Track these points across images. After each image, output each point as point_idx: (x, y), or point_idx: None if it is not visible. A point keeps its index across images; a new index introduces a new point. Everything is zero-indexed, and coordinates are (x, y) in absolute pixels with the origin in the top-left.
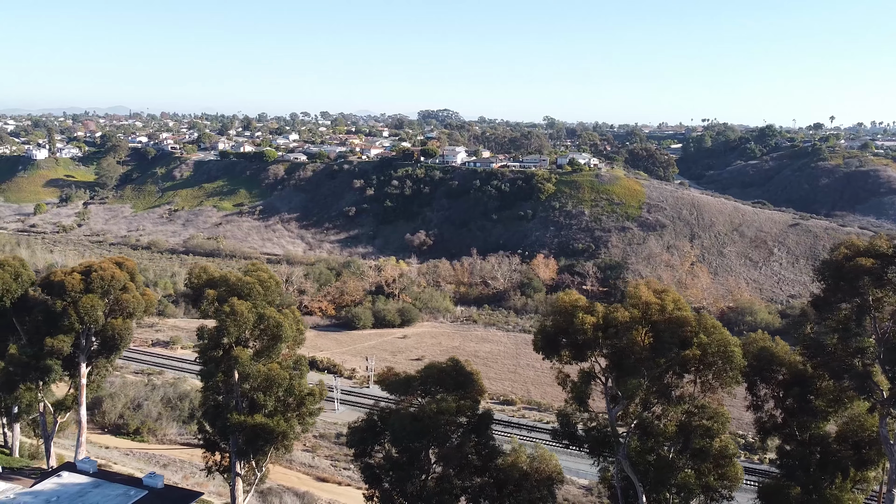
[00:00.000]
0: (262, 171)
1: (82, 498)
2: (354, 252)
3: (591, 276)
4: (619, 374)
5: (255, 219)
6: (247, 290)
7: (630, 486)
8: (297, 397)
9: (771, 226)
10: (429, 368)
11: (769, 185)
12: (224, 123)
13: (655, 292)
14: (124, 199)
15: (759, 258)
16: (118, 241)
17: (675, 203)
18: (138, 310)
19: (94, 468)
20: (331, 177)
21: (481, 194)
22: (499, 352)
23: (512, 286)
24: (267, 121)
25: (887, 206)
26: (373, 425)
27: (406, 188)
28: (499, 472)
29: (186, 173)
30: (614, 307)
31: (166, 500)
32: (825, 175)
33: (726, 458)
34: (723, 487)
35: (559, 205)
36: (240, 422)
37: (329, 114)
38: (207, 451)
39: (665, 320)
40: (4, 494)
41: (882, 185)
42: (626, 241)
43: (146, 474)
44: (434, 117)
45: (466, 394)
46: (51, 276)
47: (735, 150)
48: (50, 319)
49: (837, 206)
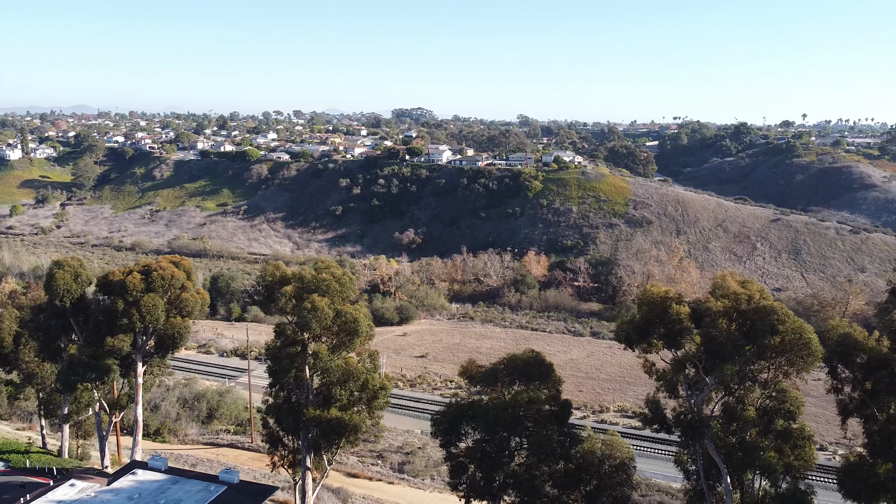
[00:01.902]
0: (244, 171)
1: (164, 494)
2: (343, 251)
3: (582, 272)
4: (712, 361)
5: (240, 219)
6: (324, 287)
7: (711, 467)
8: (371, 391)
9: (753, 221)
10: (512, 360)
11: (746, 181)
12: (199, 123)
13: (740, 283)
14: (103, 200)
15: (743, 253)
16: (100, 243)
17: (660, 200)
18: (196, 308)
19: (166, 465)
20: (316, 176)
21: (469, 192)
22: (500, 347)
23: (505, 283)
24: (240, 120)
25: (860, 202)
26: (457, 415)
27: (393, 187)
28: (579, 457)
29: (167, 173)
30: (705, 297)
31: (246, 495)
32: (800, 171)
33: (804, 439)
34: (802, 468)
35: (547, 202)
36: (316, 416)
37: (302, 112)
38: (271, 448)
39: (752, 309)
40: (85, 493)
41: (855, 181)
42: (614, 237)
43: (221, 470)
44: (408, 116)
45: (548, 383)
46: (108, 276)
47: (711, 147)
48: (110, 319)
49: (813, 202)
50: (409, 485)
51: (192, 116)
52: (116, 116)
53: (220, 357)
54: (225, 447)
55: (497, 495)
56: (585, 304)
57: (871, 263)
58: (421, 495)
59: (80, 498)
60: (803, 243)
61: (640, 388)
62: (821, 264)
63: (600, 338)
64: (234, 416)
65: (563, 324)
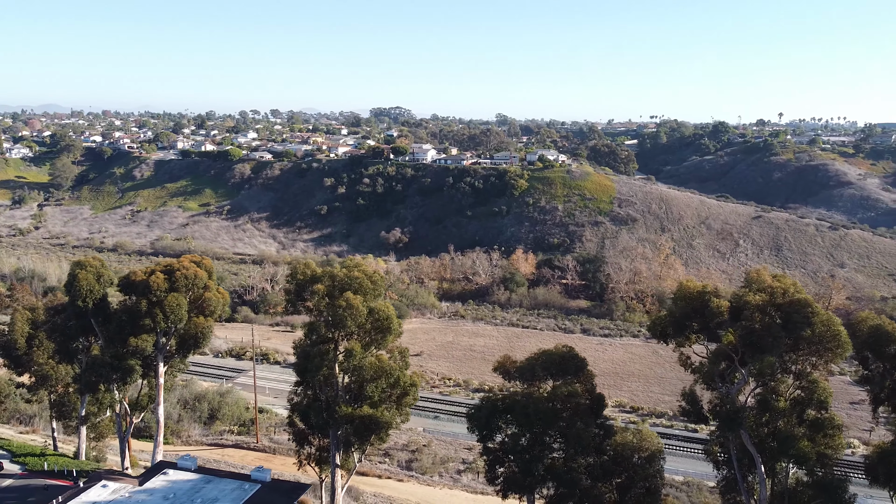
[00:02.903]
0: (227, 171)
1: (199, 493)
2: (329, 251)
3: (570, 269)
4: (751, 353)
5: (224, 219)
6: (356, 285)
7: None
8: (402, 388)
9: (735, 218)
10: (548, 355)
11: (725, 179)
12: (176, 122)
13: (775, 277)
14: (82, 201)
15: (727, 249)
16: (81, 244)
17: (644, 198)
18: (218, 308)
19: (195, 465)
20: (300, 175)
21: (455, 191)
22: (493, 345)
23: (494, 281)
24: (217, 119)
25: (836, 199)
26: (493, 410)
27: (378, 186)
28: (612, 449)
29: (147, 173)
30: (742, 291)
31: (280, 492)
32: (778, 169)
33: (835, 427)
34: (833, 456)
35: (533, 201)
36: (348, 414)
37: (279, 112)
38: (298, 445)
39: (788, 302)
40: (119, 493)
41: (831, 178)
42: (600, 235)
43: (254, 468)
44: (387, 115)
45: (581, 378)
46: (130, 276)
47: (690, 145)
48: (133, 319)
49: (791, 199)
50: (418, 482)
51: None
52: (90, 116)
53: (214, 357)
54: (230, 448)
55: (534, 489)
56: (574, 302)
57: (851, 259)
58: (431, 492)
59: (114, 499)
60: (784, 240)
61: (634, 384)
62: (802, 260)
63: (590, 335)
64: (235, 417)
65: (553, 321)
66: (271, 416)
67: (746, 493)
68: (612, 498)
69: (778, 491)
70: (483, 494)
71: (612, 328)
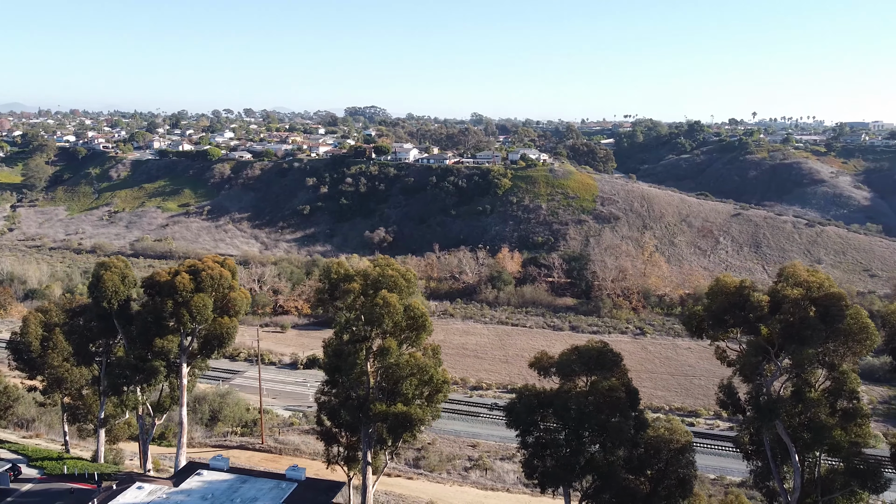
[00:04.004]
0: (206, 171)
1: (237, 493)
2: (313, 251)
3: (556, 267)
4: (789, 346)
5: (204, 219)
6: (391, 283)
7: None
8: (435, 385)
9: (715, 216)
10: (584, 350)
11: (702, 177)
12: (150, 122)
13: (809, 272)
14: (57, 202)
15: (707, 247)
16: (58, 246)
17: (626, 196)
18: (243, 308)
19: (227, 465)
20: (281, 175)
21: (438, 190)
22: (485, 343)
23: (481, 280)
24: (190, 118)
25: (810, 196)
26: (531, 405)
27: (361, 185)
28: (646, 442)
29: (124, 173)
30: (780, 286)
31: (317, 490)
32: (753, 167)
33: (865, 416)
34: (863, 444)
35: (517, 199)
36: (382, 411)
37: (253, 111)
38: (326, 445)
39: (824, 296)
40: (156, 495)
41: (805, 176)
42: (584, 233)
43: (288, 468)
44: (362, 114)
45: (615, 372)
46: (154, 276)
47: (666, 144)
48: (158, 320)
49: (766, 197)
50: (427, 479)
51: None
52: (58, 115)
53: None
54: (235, 449)
55: (572, 482)
56: (561, 299)
57: (827, 255)
58: (442, 489)
59: (152, 500)
60: (763, 237)
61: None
62: (780, 257)
63: (579, 332)
64: (237, 418)
65: (541, 318)
66: (273, 416)
67: (780, 480)
68: (646, 489)
69: (808, 479)
70: (493, 490)
71: (601, 325)
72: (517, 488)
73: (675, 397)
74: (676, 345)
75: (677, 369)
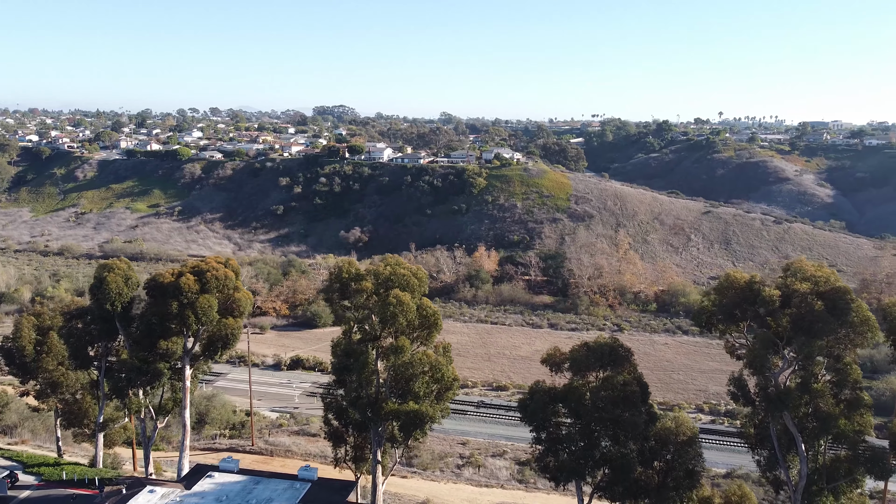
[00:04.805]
0: (176, 171)
1: (251, 494)
2: (287, 251)
3: (533, 266)
4: (800, 338)
5: (175, 220)
6: (403, 282)
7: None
8: (446, 383)
9: (686, 214)
10: (596, 347)
11: (671, 176)
12: (115, 121)
13: (815, 267)
14: (20, 203)
15: (679, 244)
16: (23, 248)
17: (599, 194)
18: (247, 308)
19: (237, 467)
20: (253, 175)
21: (414, 190)
22: (466, 342)
23: (459, 279)
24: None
25: (776, 194)
26: (546, 400)
27: (335, 185)
28: (655, 434)
29: (90, 174)
30: (790, 280)
31: (331, 490)
32: (720, 166)
33: (865, 406)
34: (865, 433)
35: (492, 198)
36: (395, 409)
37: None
38: (334, 445)
39: (831, 290)
40: (168, 498)
41: (770, 174)
42: (559, 231)
43: (300, 468)
44: (330, 113)
45: (626, 367)
46: (157, 278)
47: (635, 143)
48: (162, 322)
49: (733, 195)
50: (421, 478)
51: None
52: (17, 114)
53: None
54: (224, 451)
55: (585, 475)
56: (538, 297)
57: (794, 251)
58: (437, 487)
59: (166, 503)
60: (733, 234)
61: None
62: (749, 253)
63: (558, 329)
64: (224, 420)
65: (520, 316)
66: (260, 418)
67: (786, 469)
68: (656, 481)
69: (813, 468)
70: (488, 487)
71: (579, 322)
72: (511, 485)
73: (655, 392)
74: (654, 340)
75: (656, 365)
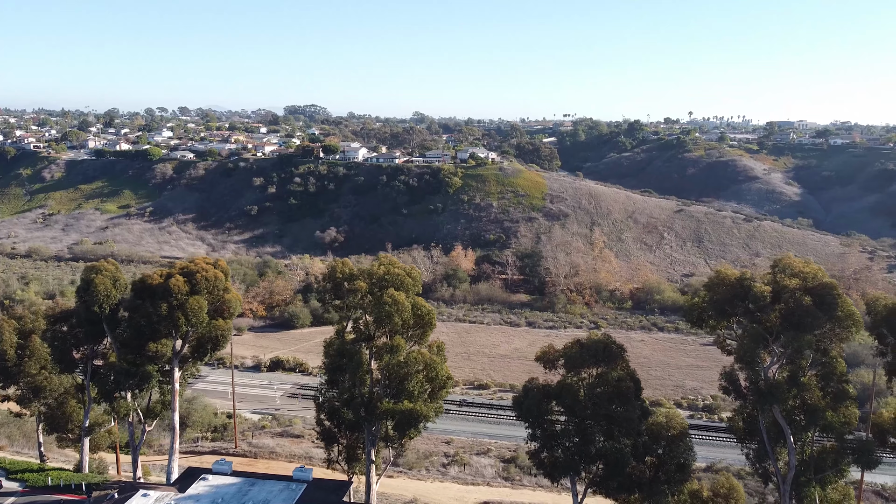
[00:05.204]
0: (146, 171)
1: (247, 496)
2: (262, 252)
3: (510, 265)
4: (789, 332)
5: (147, 221)
6: (398, 282)
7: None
8: (440, 381)
9: (659, 212)
10: (590, 344)
11: (643, 175)
12: (82, 120)
13: (803, 263)
14: None
15: (653, 242)
16: None
17: (574, 194)
18: (237, 309)
19: (231, 469)
20: (226, 175)
21: (389, 189)
22: (446, 342)
23: (436, 278)
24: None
25: (745, 192)
26: (541, 396)
27: (310, 185)
28: (649, 429)
29: (58, 174)
30: (779, 276)
31: (326, 490)
32: (691, 165)
33: (851, 398)
34: (851, 424)
35: (468, 198)
36: (390, 408)
37: (188, 109)
38: (327, 445)
39: (818, 285)
40: (163, 501)
41: (739, 173)
42: (535, 230)
43: (295, 469)
44: (302, 113)
45: (618, 363)
46: (146, 279)
47: (607, 143)
48: (151, 324)
49: (704, 193)
50: (407, 477)
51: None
52: None
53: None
54: (207, 454)
55: (581, 471)
56: (515, 296)
57: (765, 248)
58: (424, 486)
59: None
60: (704, 232)
61: None
62: (721, 251)
63: (536, 327)
64: (206, 423)
65: (498, 315)
66: (242, 420)
67: (775, 461)
68: (648, 475)
69: (800, 459)
70: (474, 485)
71: (556, 320)
72: (497, 482)
73: None
74: (630, 337)
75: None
